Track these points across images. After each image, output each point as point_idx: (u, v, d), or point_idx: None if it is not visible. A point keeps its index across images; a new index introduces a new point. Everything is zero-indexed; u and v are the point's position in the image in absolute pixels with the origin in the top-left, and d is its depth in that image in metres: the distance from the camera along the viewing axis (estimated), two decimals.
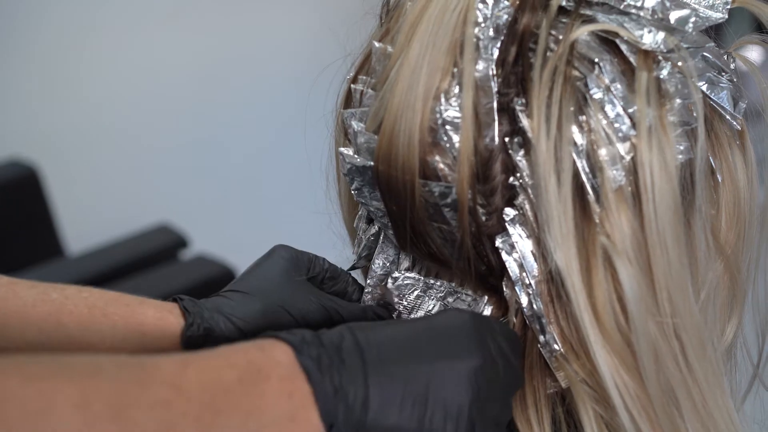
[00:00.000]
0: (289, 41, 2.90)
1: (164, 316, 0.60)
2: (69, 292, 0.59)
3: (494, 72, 0.56)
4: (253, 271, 0.65)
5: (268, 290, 0.64)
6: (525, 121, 0.56)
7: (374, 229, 0.66)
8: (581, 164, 0.55)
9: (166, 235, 2.21)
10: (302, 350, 0.51)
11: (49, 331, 0.57)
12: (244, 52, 2.82)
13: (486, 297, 0.62)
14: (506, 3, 0.56)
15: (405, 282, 0.63)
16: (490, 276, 0.61)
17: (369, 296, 0.67)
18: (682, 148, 0.55)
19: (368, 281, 0.67)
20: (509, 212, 0.57)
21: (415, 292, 0.64)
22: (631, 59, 0.56)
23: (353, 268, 0.70)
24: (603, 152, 0.55)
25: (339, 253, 0.74)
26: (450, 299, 0.63)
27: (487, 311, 0.62)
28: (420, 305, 0.64)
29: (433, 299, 0.63)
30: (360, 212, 0.67)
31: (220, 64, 2.79)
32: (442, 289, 0.63)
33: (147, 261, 2.09)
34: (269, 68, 2.86)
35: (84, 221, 2.55)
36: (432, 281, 0.63)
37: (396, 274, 0.63)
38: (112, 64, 2.62)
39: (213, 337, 0.60)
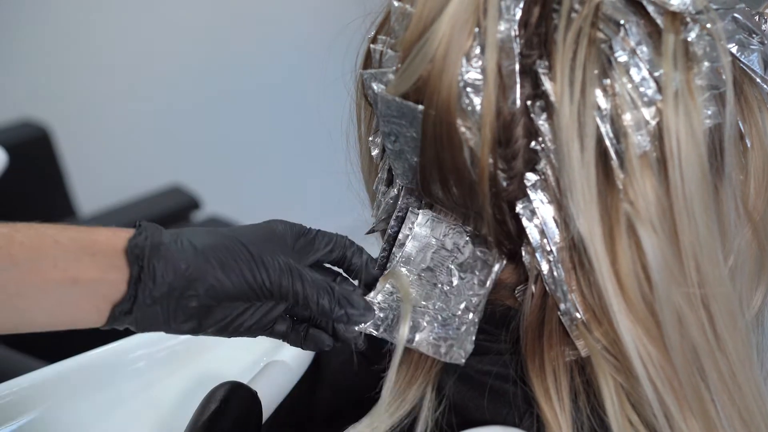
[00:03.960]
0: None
1: (118, 234, 0.60)
2: (19, 225, 0.58)
3: (516, 33, 0.55)
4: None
5: (240, 234, 0.63)
6: (548, 84, 0.54)
7: (394, 191, 0.65)
8: (605, 129, 0.54)
9: (178, 197, 2.21)
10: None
11: None
12: (261, 11, 2.80)
13: (501, 258, 0.62)
14: None
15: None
16: (508, 242, 0.60)
17: (384, 255, 0.66)
18: (709, 112, 0.54)
19: (383, 245, 0.66)
20: (531, 177, 0.56)
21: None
22: (658, 21, 0.54)
23: (372, 231, 0.69)
24: (627, 117, 0.53)
25: (358, 216, 0.73)
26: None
27: (493, 276, 0.62)
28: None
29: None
30: (380, 175, 0.67)
31: (237, 23, 2.77)
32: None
33: (159, 222, 2.07)
34: (287, 27, 2.84)
35: (96, 182, 2.55)
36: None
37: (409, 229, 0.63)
38: (123, 24, 2.60)
39: (160, 251, 0.60)
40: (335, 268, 0.69)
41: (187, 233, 0.62)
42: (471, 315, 0.62)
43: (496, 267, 0.62)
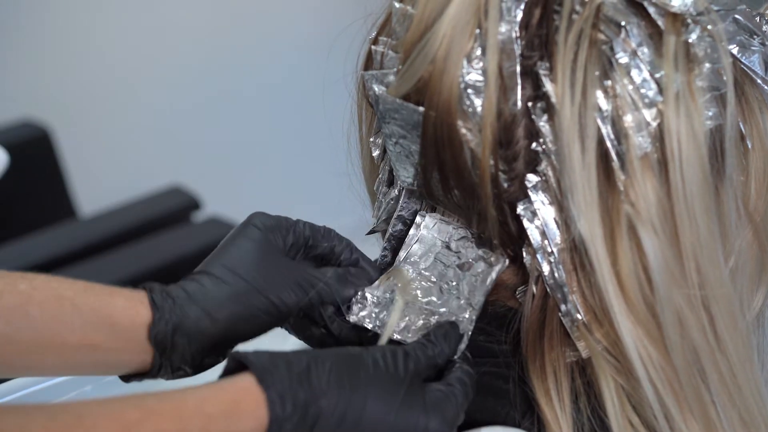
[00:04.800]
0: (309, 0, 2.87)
1: (134, 306, 0.59)
2: (37, 282, 0.58)
3: (517, 34, 0.55)
4: (227, 247, 0.63)
5: (241, 271, 0.61)
6: (549, 86, 0.54)
7: (394, 192, 0.65)
8: (606, 130, 0.54)
9: (179, 197, 2.20)
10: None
11: (16, 322, 0.56)
12: (261, 11, 2.80)
13: (503, 259, 0.62)
14: None
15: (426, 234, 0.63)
16: (510, 243, 0.60)
17: (384, 255, 0.66)
18: (710, 114, 0.54)
19: (384, 243, 0.66)
20: (532, 178, 0.56)
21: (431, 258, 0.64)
22: (659, 22, 0.54)
23: (372, 231, 0.69)
24: (628, 118, 0.53)
25: (358, 217, 0.73)
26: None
27: (493, 274, 0.62)
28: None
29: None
30: (380, 175, 0.67)
31: (237, 23, 2.77)
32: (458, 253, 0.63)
33: (159, 223, 2.09)
34: (287, 27, 2.84)
35: (96, 182, 2.55)
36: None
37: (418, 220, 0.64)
38: (123, 24, 2.60)
39: (183, 328, 0.59)
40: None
41: (200, 299, 0.60)
42: (468, 313, 0.62)
43: (498, 267, 0.62)
